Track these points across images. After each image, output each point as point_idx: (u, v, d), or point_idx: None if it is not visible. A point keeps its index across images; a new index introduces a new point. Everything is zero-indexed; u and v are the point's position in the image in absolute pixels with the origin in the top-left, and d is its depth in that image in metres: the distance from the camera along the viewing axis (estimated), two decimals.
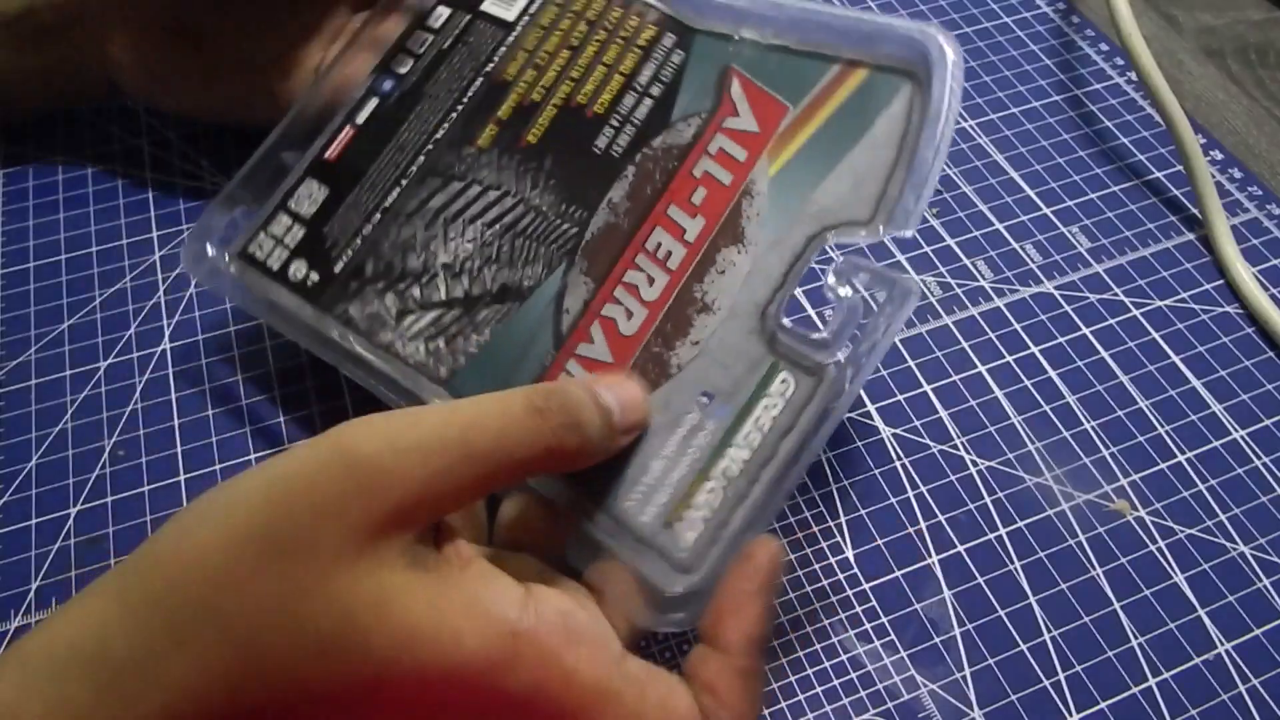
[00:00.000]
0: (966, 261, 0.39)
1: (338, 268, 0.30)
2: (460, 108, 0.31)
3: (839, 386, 0.26)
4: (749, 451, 0.26)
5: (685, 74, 0.30)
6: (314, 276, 0.30)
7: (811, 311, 0.37)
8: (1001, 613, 0.30)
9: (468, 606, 0.22)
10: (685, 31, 0.31)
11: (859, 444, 0.34)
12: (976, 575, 0.31)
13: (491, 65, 0.32)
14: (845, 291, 0.27)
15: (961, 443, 0.34)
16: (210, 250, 0.31)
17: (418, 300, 0.29)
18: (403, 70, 0.32)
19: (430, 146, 0.31)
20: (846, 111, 0.28)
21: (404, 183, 0.31)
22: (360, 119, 0.32)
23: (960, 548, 0.32)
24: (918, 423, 0.34)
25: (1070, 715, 0.29)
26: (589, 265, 0.29)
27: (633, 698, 0.23)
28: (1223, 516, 0.32)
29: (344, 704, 0.22)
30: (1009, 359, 0.36)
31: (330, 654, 0.21)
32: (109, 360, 0.35)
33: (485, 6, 0.33)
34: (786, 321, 0.27)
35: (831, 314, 0.27)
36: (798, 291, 0.37)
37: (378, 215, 0.30)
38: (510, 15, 0.32)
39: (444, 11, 0.33)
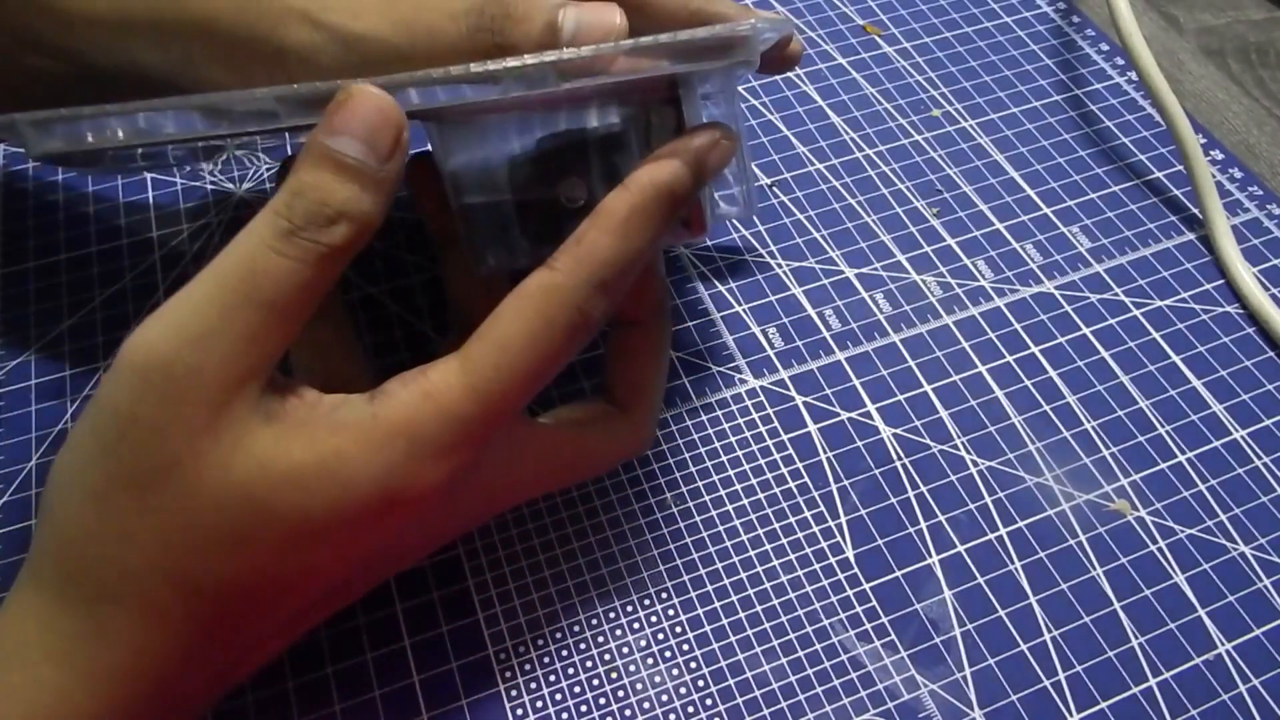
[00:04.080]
0: (967, 261, 0.39)
1: None
2: None
3: None
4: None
5: None
6: None
7: (812, 312, 0.37)
8: (1002, 613, 0.30)
9: (334, 428, 0.22)
10: None
11: (859, 444, 0.34)
12: (977, 575, 0.31)
13: None
14: None
15: (962, 443, 0.34)
16: None
17: None
18: None
19: None
20: None
21: None
22: None
23: (960, 548, 0.32)
24: (918, 423, 0.34)
25: (1071, 715, 0.29)
26: None
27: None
28: (1223, 516, 0.32)
29: (290, 577, 0.23)
30: (1009, 359, 0.36)
31: (248, 538, 0.22)
32: (109, 360, 0.35)
33: None
34: None
35: None
36: (798, 292, 0.37)
37: None
38: None
39: None
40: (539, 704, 0.28)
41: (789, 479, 0.33)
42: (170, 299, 0.22)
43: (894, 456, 0.33)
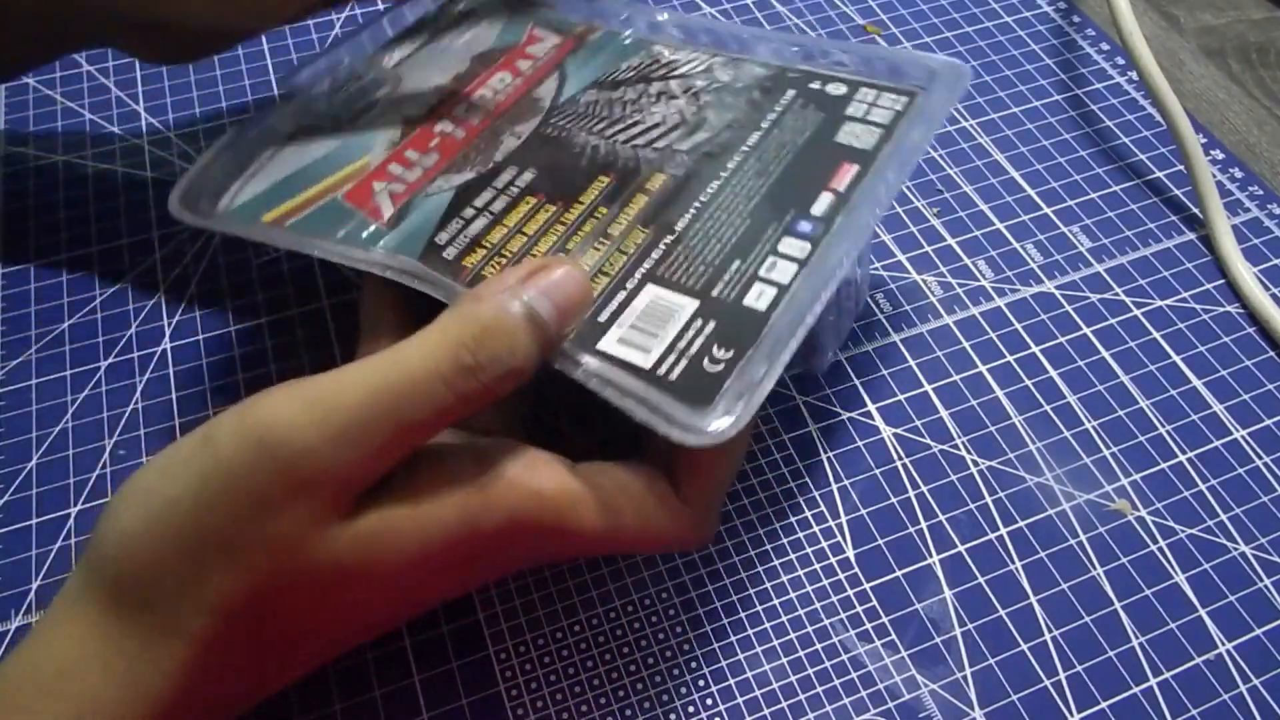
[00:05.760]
0: (967, 261, 0.39)
1: None
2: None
3: None
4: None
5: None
6: None
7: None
8: (1002, 612, 0.30)
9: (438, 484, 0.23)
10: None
11: (859, 444, 0.34)
12: (977, 575, 0.31)
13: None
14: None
15: (962, 442, 0.34)
16: None
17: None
18: None
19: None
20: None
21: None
22: None
23: (961, 547, 0.32)
24: (918, 422, 0.34)
25: (1071, 715, 0.29)
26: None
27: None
28: (1223, 516, 0.32)
29: (358, 621, 0.24)
30: (1010, 359, 0.36)
31: (334, 596, 0.23)
32: (109, 360, 0.35)
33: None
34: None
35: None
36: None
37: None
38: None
39: None
40: (539, 704, 0.28)
41: (789, 479, 0.33)
42: (319, 379, 0.22)
43: (894, 456, 0.33)
